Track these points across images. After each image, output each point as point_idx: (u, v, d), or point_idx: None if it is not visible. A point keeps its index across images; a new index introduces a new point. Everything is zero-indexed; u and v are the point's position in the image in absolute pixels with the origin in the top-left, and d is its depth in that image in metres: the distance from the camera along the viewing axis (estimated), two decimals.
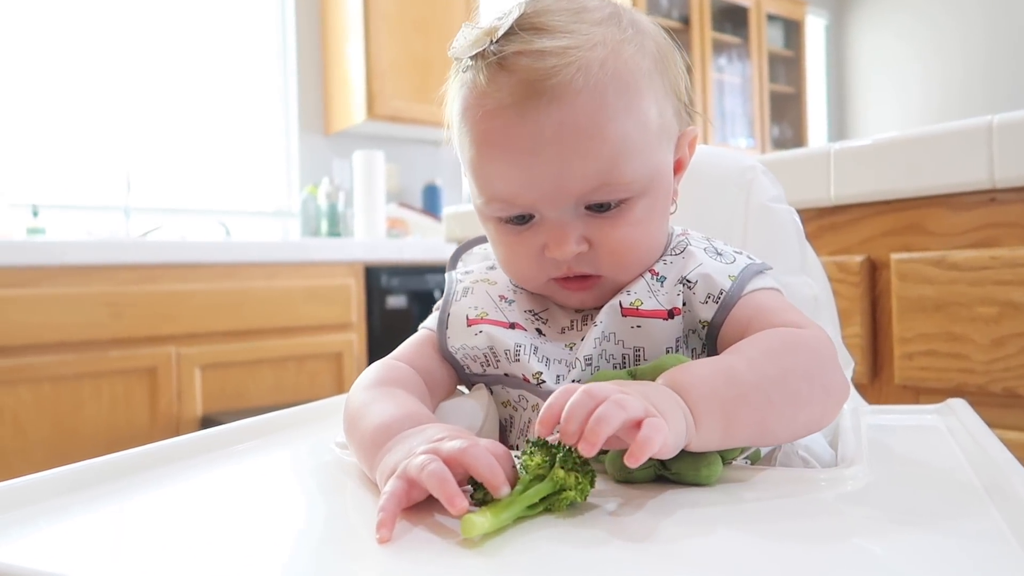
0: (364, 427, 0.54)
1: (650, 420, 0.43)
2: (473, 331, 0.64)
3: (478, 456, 0.45)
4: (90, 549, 0.46)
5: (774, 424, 0.51)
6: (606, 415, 0.42)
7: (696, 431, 0.47)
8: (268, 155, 3.39)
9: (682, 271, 0.61)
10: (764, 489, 0.49)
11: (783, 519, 0.45)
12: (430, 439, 0.48)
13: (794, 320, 0.57)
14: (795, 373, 0.52)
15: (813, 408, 0.53)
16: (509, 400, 0.64)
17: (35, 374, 2.22)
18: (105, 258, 2.35)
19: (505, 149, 0.57)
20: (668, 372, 0.51)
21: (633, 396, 0.44)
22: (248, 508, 0.52)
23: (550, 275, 0.62)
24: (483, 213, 0.63)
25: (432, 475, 0.44)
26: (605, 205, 0.59)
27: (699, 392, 0.48)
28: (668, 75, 0.62)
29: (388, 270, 2.90)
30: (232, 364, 2.57)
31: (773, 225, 0.76)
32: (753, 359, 0.52)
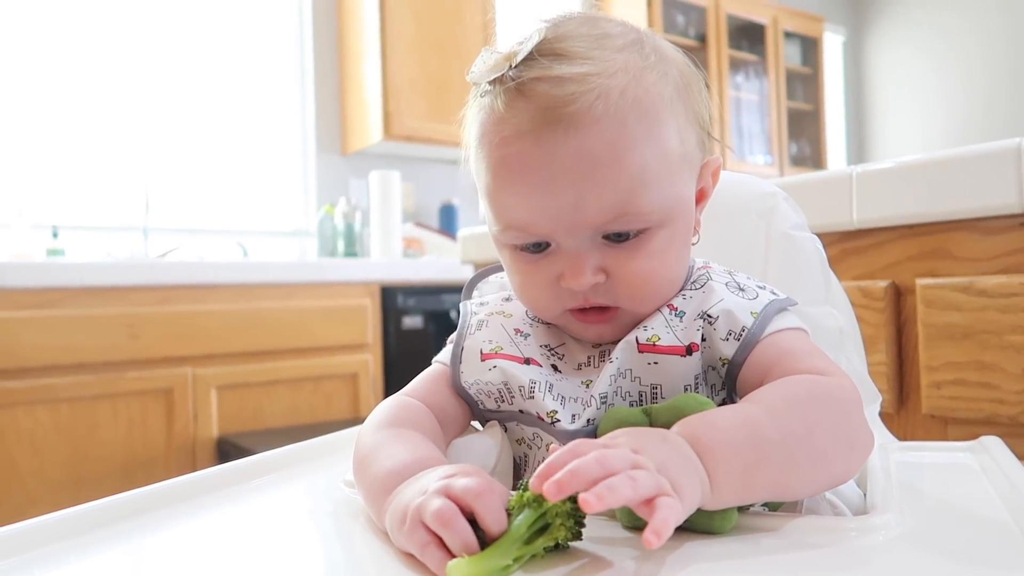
0: (374, 472, 0.53)
1: (664, 501, 0.41)
2: (487, 366, 0.62)
3: (488, 506, 0.43)
4: None
5: (795, 483, 0.49)
6: (617, 487, 0.40)
7: (711, 494, 0.45)
8: (285, 175, 3.41)
9: (703, 306, 0.59)
10: (787, 538, 0.47)
11: (808, 572, 0.42)
12: (442, 476, 0.47)
13: (819, 366, 0.55)
14: (820, 428, 0.50)
15: (837, 466, 0.51)
16: (524, 438, 0.63)
17: (52, 395, 2.23)
18: (123, 279, 2.36)
19: (521, 176, 0.56)
20: (688, 422, 0.48)
21: (646, 471, 0.42)
22: (255, 553, 0.51)
23: (566, 306, 0.60)
24: (499, 240, 0.61)
25: (456, 536, 0.43)
26: (623, 235, 0.57)
27: (720, 455, 0.46)
28: (691, 103, 0.60)
29: (404, 290, 2.89)
30: (248, 385, 2.57)
31: (795, 254, 0.74)
32: (777, 412, 0.49)
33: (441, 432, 0.62)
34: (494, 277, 0.74)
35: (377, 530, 0.52)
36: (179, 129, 3.12)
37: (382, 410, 0.61)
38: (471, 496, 0.43)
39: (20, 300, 2.20)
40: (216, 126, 3.21)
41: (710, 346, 0.58)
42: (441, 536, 0.43)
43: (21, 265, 2.24)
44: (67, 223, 2.84)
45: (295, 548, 0.52)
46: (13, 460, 2.17)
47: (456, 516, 0.43)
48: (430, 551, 0.43)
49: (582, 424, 0.58)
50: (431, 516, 0.43)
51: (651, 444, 0.45)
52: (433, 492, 0.45)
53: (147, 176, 3.00)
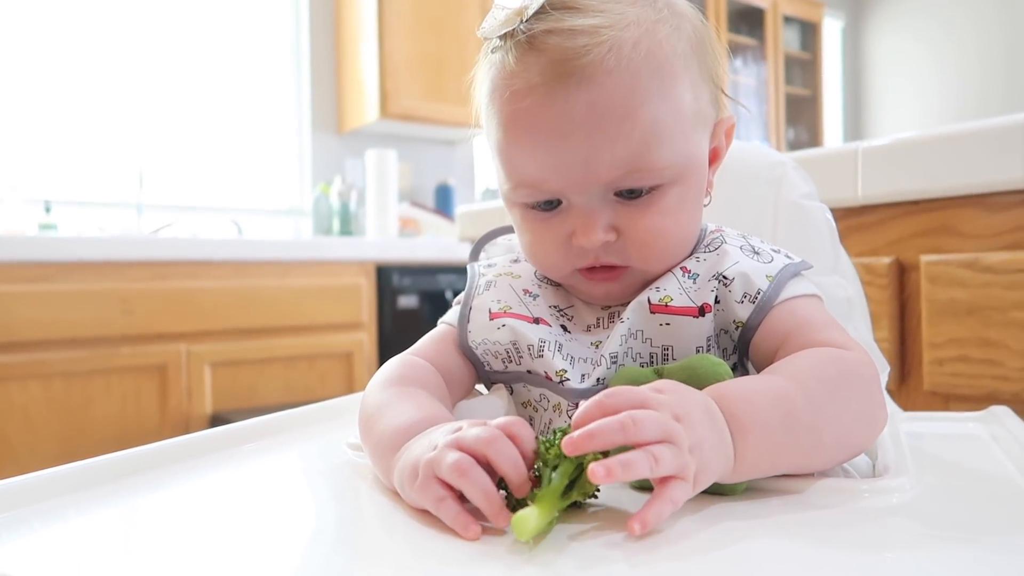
0: (381, 429, 0.52)
1: (671, 488, 0.41)
2: (496, 324, 0.61)
3: (501, 452, 0.43)
4: (87, 554, 0.44)
5: (815, 462, 0.49)
6: (633, 466, 0.39)
7: (733, 470, 0.45)
8: (281, 153, 3.38)
9: (717, 267, 0.58)
10: (803, 500, 0.46)
11: (821, 530, 0.42)
12: (452, 430, 0.46)
13: (838, 339, 0.54)
14: (848, 410, 0.50)
15: (856, 444, 0.51)
16: (530, 400, 0.62)
17: (46, 370, 2.22)
18: (117, 255, 2.34)
19: (532, 131, 0.55)
20: (726, 395, 0.47)
21: (673, 449, 0.41)
22: (256, 512, 0.50)
23: (576, 265, 0.59)
24: (509, 199, 0.60)
25: (474, 484, 0.42)
26: (635, 192, 0.56)
27: (753, 438, 0.45)
28: (705, 59, 0.59)
29: (400, 270, 2.88)
30: (242, 362, 2.56)
31: (805, 223, 0.73)
32: (812, 394, 0.48)
33: (447, 392, 0.61)
34: (502, 239, 0.73)
35: (384, 489, 0.51)
36: (174, 106, 3.09)
37: (388, 368, 0.60)
38: (483, 445, 0.43)
39: (13, 274, 2.18)
40: (211, 103, 3.18)
41: (724, 308, 0.57)
42: (460, 488, 0.42)
43: (14, 239, 2.22)
44: (60, 198, 2.81)
45: (301, 508, 0.51)
46: (6, 435, 2.15)
47: (473, 466, 0.42)
48: (446, 505, 0.43)
49: (591, 383, 0.57)
50: (447, 469, 0.43)
51: (695, 416, 0.43)
52: (444, 445, 0.44)
53: (141, 153, 2.97)
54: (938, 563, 0.37)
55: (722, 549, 0.39)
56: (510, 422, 0.44)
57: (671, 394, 0.44)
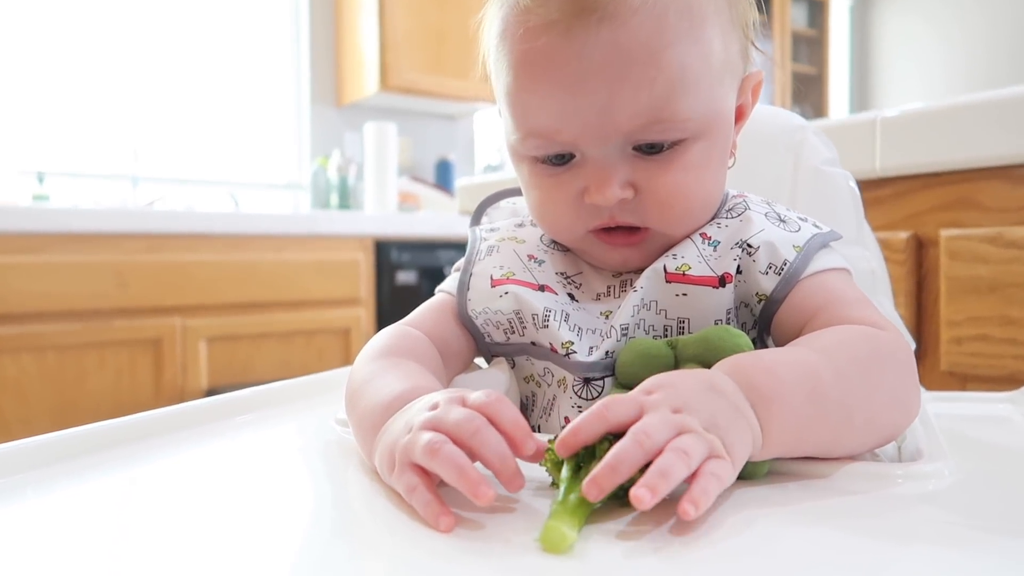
0: (364, 405, 0.48)
1: (710, 466, 0.37)
2: (498, 292, 0.57)
3: (486, 443, 0.38)
4: (72, 525, 0.41)
5: (844, 444, 0.45)
6: (670, 471, 0.35)
7: (762, 445, 0.41)
8: (278, 126, 3.32)
9: (741, 234, 0.54)
10: (829, 484, 0.43)
11: (852, 518, 0.38)
12: (427, 407, 0.42)
13: (872, 318, 0.50)
14: (880, 391, 0.46)
15: (888, 428, 0.47)
16: (533, 374, 0.58)
17: (39, 343, 2.18)
18: (111, 226, 2.30)
19: (547, 73, 0.50)
20: (741, 366, 0.43)
21: (693, 434, 0.37)
22: (240, 493, 0.46)
23: (588, 225, 0.55)
24: (517, 152, 0.56)
25: (446, 463, 0.37)
26: (656, 146, 0.52)
27: (777, 408, 0.41)
28: (737, 6, 0.54)
29: (399, 245, 2.83)
30: (239, 337, 2.52)
31: (826, 191, 0.69)
32: (839, 369, 0.44)
33: (443, 365, 0.57)
34: (505, 202, 0.69)
35: (370, 471, 0.47)
36: (171, 77, 3.03)
37: (379, 340, 0.56)
38: (466, 436, 0.39)
39: (5, 245, 2.14)
40: (208, 75, 3.12)
41: (746, 279, 0.53)
42: (434, 471, 0.38)
43: (6, 209, 2.17)
44: (53, 170, 2.76)
45: (282, 490, 0.47)
46: None
47: (444, 444, 0.38)
48: (418, 494, 0.38)
49: (599, 356, 0.53)
50: (420, 454, 0.38)
51: (694, 398, 0.39)
52: (419, 427, 0.40)
53: (137, 124, 2.91)
54: (979, 557, 0.33)
55: (750, 537, 0.36)
56: (488, 401, 0.40)
57: (662, 390, 0.40)
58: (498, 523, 0.38)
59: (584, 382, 0.53)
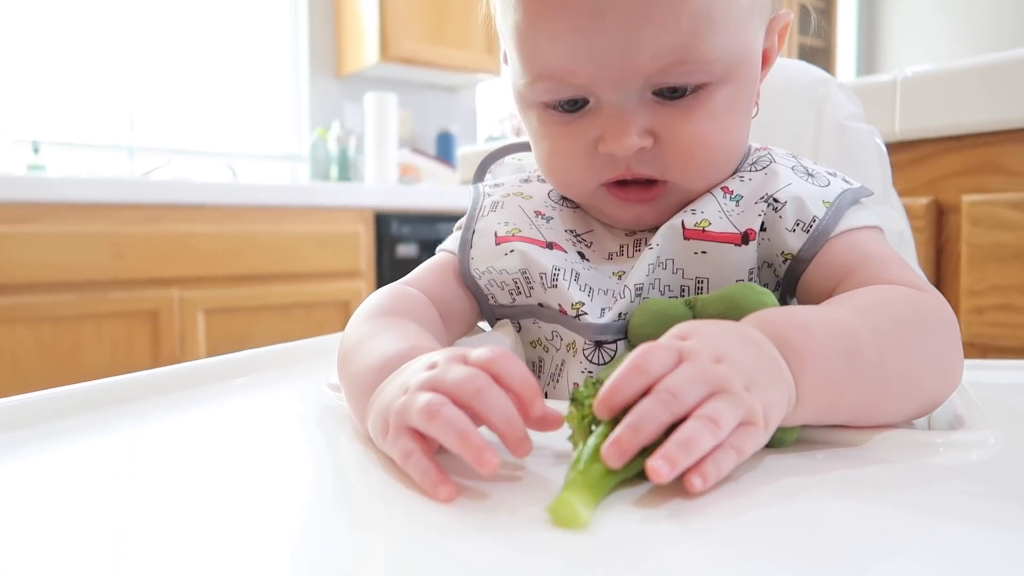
0: (357, 367, 0.44)
1: (744, 432, 0.33)
2: (503, 250, 0.53)
3: (491, 404, 0.34)
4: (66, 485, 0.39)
5: (879, 413, 0.41)
6: (694, 443, 0.31)
7: (795, 407, 0.37)
8: (277, 97, 3.27)
9: (766, 189, 0.50)
10: (862, 452, 0.39)
11: (888, 490, 0.35)
12: (425, 366, 0.38)
13: (910, 278, 0.46)
14: (922, 356, 0.42)
15: (928, 397, 0.43)
16: (540, 338, 0.54)
17: (34, 314, 2.15)
18: (107, 196, 2.26)
19: (559, 9, 0.46)
20: (772, 320, 0.39)
21: (730, 397, 0.33)
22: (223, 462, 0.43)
23: (602, 177, 0.51)
24: (525, 98, 0.51)
25: (446, 426, 0.34)
26: (679, 90, 0.47)
27: (811, 367, 0.37)
28: None
29: (399, 217, 2.79)
30: (237, 309, 2.49)
31: (852, 147, 0.65)
32: (879, 328, 0.40)
33: (443, 327, 0.53)
34: (509, 159, 0.65)
35: (364, 438, 0.44)
36: (167, 46, 2.97)
37: (374, 299, 0.53)
38: (468, 397, 0.35)
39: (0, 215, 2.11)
40: (206, 44, 3.06)
41: (771, 237, 0.49)
42: (432, 436, 0.35)
43: (1, 179, 2.13)
44: (49, 139, 2.71)
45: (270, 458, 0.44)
46: None
47: (444, 405, 0.34)
48: (413, 461, 0.35)
49: (612, 318, 0.49)
50: (417, 416, 0.35)
51: (737, 349, 0.35)
52: (416, 388, 0.36)
53: (133, 94, 2.86)
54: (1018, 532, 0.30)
55: (777, 509, 0.32)
56: (492, 357, 0.36)
57: (699, 336, 0.36)
58: (503, 493, 0.34)
59: (595, 346, 0.50)
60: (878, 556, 0.28)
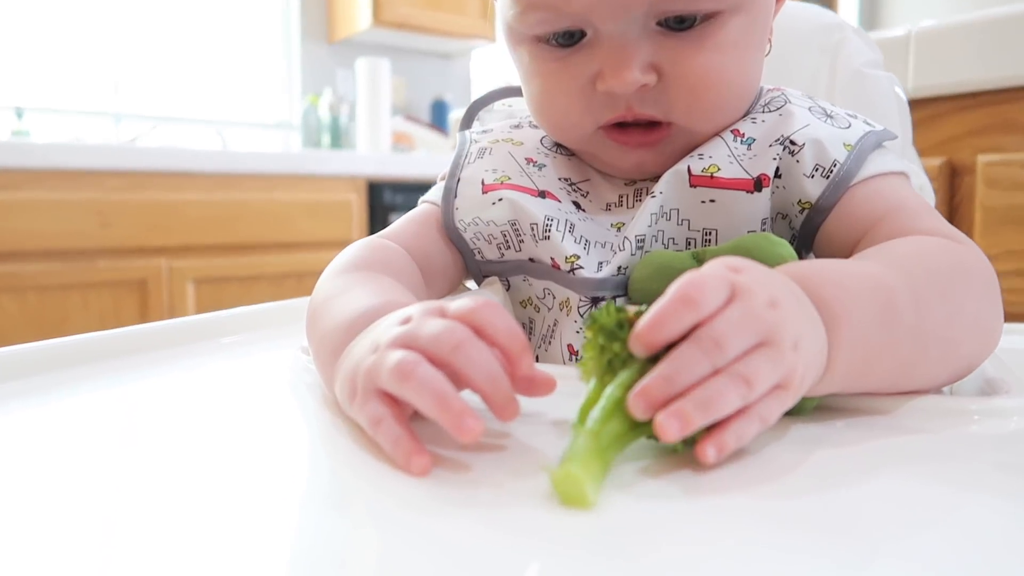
0: (325, 325, 0.40)
1: (772, 399, 0.29)
2: (490, 199, 0.48)
3: (472, 360, 0.30)
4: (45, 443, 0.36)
5: (913, 380, 0.37)
6: (716, 400, 0.27)
7: (823, 375, 0.33)
8: (267, 63, 3.19)
9: (781, 130, 0.46)
10: (890, 421, 0.35)
11: (912, 462, 0.31)
12: (398, 321, 0.33)
13: (943, 229, 0.42)
14: (962, 318, 0.38)
15: (964, 362, 0.39)
16: (531, 297, 0.50)
17: (18, 283, 2.11)
18: (93, 163, 2.21)
19: None
20: (808, 274, 0.34)
21: (774, 355, 0.29)
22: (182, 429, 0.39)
23: (601, 119, 0.46)
24: (515, 31, 0.47)
25: (420, 387, 0.29)
26: (686, 19, 0.43)
27: (847, 332, 0.33)
28: None
29: (392, 186, 2.74)
30: (227, 279, 2.45)
31: (870, 95, 0.60)
32: (918, 286, 0.36)
33: (423, 284, 0.49)
34: (499, 104, 0.60)
35: (333, 404, 0.39)
36: (154, 9, 2.89)
37: (348, 253, 0.48)
38: (446, 352, 0.30)
39: None
40: (193, 8, 2.98)
41: (787, 184, 0.45)
42: (405, 399, 0.30)
43: None
44: (33, 105, 2.65)
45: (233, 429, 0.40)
46: None
47: (418, 364, 0.30)
48: (384, 428, 0.30)
49: (610, 272, 0.45)
50: (387, 377, 0.30)
51: (789, 298, 0.31)
52: (388, 345, 0.32)
53: (119, 59, 2.79)
54: None
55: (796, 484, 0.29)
56: (474, 307, 0.32)
57: (752, 272, 0.31)
58: (486, 465, 0.30)
59: (591, 303, 0.45)
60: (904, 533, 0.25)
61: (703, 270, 0.30)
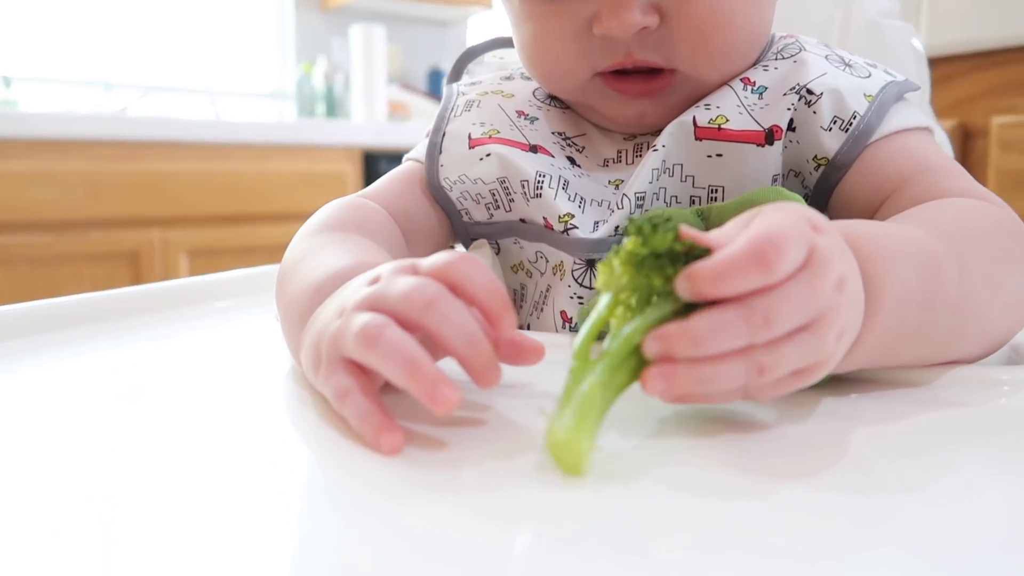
0: (293, 288, 0.37)
1: (784, 385, 0.26)
2: (477, 154, 0.45)
3: (446, 318, 0.27)
4: None
5: (940, 358, 0.34)
6: (713, 380, 0.24)
7: (845, 358, 0.29)
8: (260, 31, 3.13)
9: (796, 78, 0.42)
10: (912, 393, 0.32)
11: (932, 432, 0.28)
12: (367, 282, 0.30)
13: (976, 190, 0.39)
14: (1004, 292, 0.34)
15: (1001, 337, 0.36)
16: (523, 261, 0.47)
17: (8, 255, 2.08)
18: (83, 132, 2.18)
19: None
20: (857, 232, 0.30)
21: (815, 335, 0.25)
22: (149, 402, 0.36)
23: (598, 66, 0.42)
24: None
25: (388, 353, 0.26)
26: None
27: (885, 316, 0.29)
28: None
29: (388, 156, 2.70)
30: (221, 251, 2.42)
31: (886, 48, 0.57)
32: (965, 261, 0.33)
33: (405, 246, 0.46)
34: (490, 56, 0.56)
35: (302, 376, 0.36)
36: None
37: (323, 213, 0.45)
38: (417, 311, 0.27)
39: None
40: None
41: (801, 137, 0.41)
42: (371, 366, 0.27)
43: None
44: (21, 75, 2.60)
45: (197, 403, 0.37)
46: None
47: (386, 327, 0.26)
48: (351, 401, 0.27)
49: (607, 232, 0.42)
50: (353, 342, 0.27)
51: (855, 278, 0.27)
52: (354, 307, 0.28)
53: (109, 27, 2.73)
54: None
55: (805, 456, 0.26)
56: (448, 261, 0.28)
57: (832, 238, 0.27)
58: (464, 441, 0.27)
59: (587, 265, 0.42)
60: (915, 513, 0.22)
61: (785, 222, 0.25)
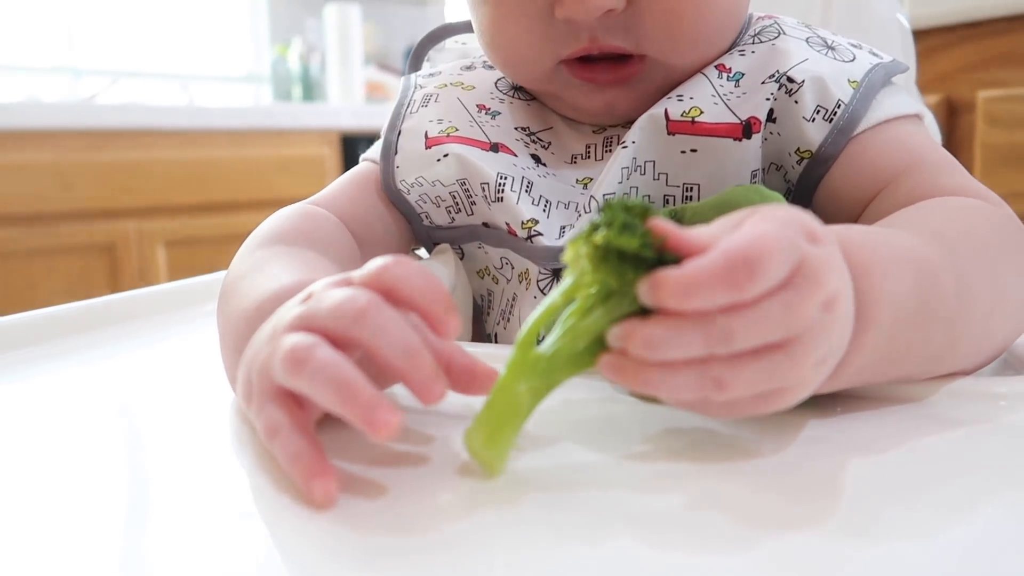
0: (232, 311, 0.34)
1: (747, 407, 0.24)
2: (435, 155, 0.42)
3: (382, 330, 0.24)
4: None
5: (928, 375, 0.31)
6: (663, 385, 0.23)
7: (827, 380, 0.26)
8: (232, 12, 3.06)
9: (775, 65, 0.39)
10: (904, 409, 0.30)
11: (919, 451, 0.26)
12: (300, 300, 0.27)
13: (974, 188, 0.36)
14: (1004, 306, 0.32)
15: (997, 348, 0.33)
16: (488, 267, 0.44)
17: None
18: (50, 122, 2.13)
19: None
20: (852, 240, 0.27)
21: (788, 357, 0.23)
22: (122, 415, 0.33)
23: (561, 53, 0.40)
24: None
25: (317, 377, 0.23)
26: None
27: (874, 335, 0.26)
28: None
29: (367, 139, 2.65)
30: (199, 240, 2.38)
31: (869, 25, 0.54)
32: (964, 272, 0.30)
33: (359, 256, 0.43)
34: (451, 42, 0.53)
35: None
36: None
37: (268, 223, 0.42)
38: (347, 324, 0.24)
39: None
40: None
41: (782, 129, 0.39)
42: (301, 392, 0.24)
43: None
44: None
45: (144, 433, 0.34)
46: None
47: (315, 347, 0.24)
48: (281, 440, 0.24)
49: None
50: (281, 369, 0.24)
51: (847, 296, 0.25)
52: (285, 329, 0.26)
53: (73, 9, 2.66)
54: None
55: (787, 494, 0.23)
56: (384, 266, 0.25)
57: (828, 244, 0.24)
58: (407, 481, 0.24)
59: (553, 275, 0.40)
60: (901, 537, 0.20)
61: (772, 232, 0.23)
